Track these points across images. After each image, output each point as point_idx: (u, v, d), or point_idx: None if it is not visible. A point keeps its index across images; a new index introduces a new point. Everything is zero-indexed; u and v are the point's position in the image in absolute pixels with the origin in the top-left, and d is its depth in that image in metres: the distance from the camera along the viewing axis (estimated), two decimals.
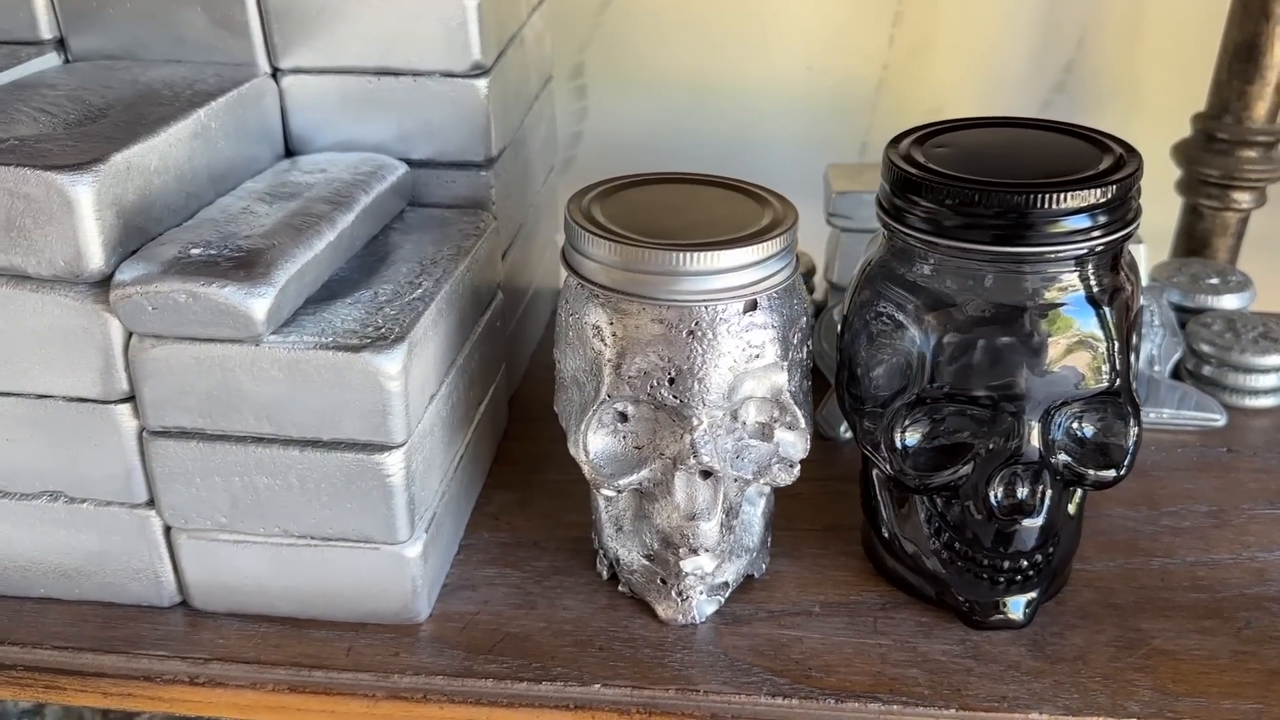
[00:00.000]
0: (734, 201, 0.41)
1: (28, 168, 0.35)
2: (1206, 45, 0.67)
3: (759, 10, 0.74)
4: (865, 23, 0.74)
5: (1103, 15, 0.72)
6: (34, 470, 0.41)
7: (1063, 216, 0.36)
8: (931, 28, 0.74)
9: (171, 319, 0.36)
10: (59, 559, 0.42)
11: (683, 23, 0.75)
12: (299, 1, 0.46)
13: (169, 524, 0.41)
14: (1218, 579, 0.45)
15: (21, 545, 0.42)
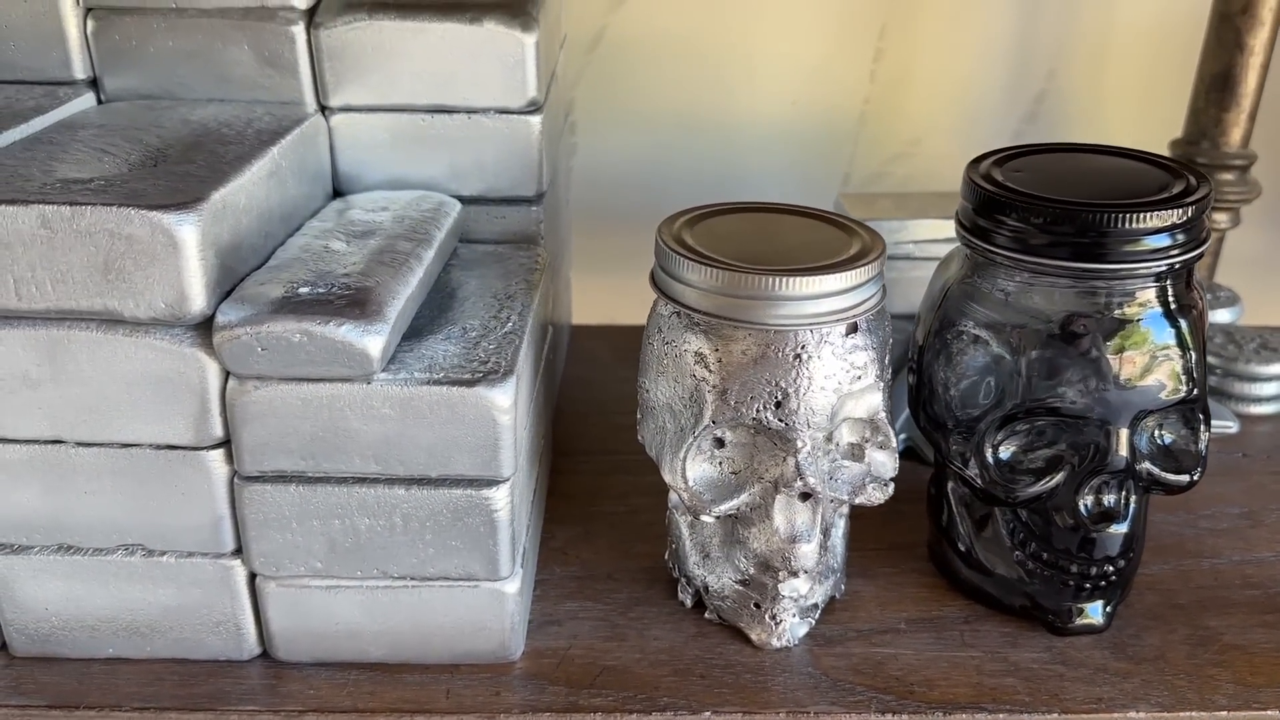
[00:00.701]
0: (819, 230, 0.42)
1: (131, 207, 0.34)
2: (1168, 75, 0.71)
3: (745, 47, 0.76)
4: (847, 59, 0.77)
5: (1070, 49, 0.76)
6: (111, 523, 0.39)
7: (1145, 235, 0.38)
8: (909, 63, 0.77)
9: (281, 360, 0.35)
10: (132, 616, 0.40)
11: (671, 60, 0.76)
12: (353, 40, 0.46)
13: (257, 573, 0.39)
14: (1266, 575, 0.47)
15: (92, 603, 0.40)
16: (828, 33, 0.75)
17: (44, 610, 0.40)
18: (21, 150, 0.40)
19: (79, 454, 0.38)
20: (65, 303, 0.35)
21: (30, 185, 0.36)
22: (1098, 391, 0.39)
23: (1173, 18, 0.73)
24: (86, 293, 0.35)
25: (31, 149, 0.40)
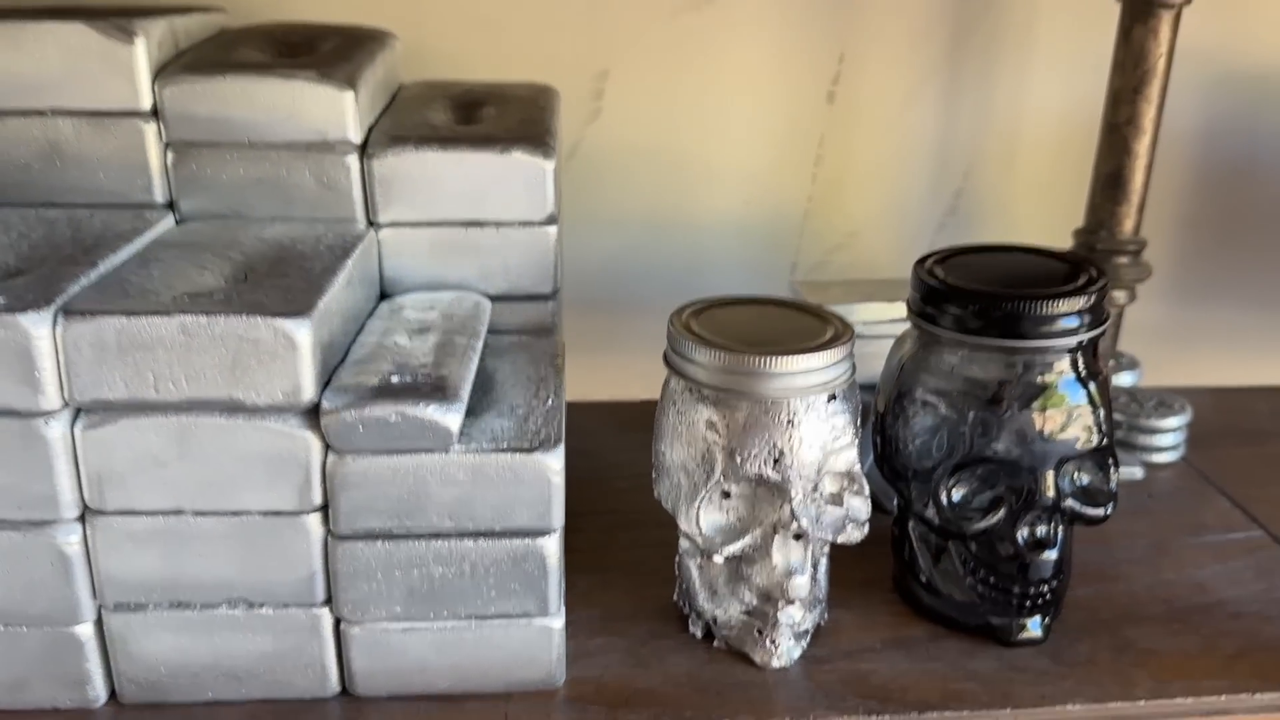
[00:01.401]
0: (799, 318, 0.51)
1: (257, 315, 0.42)
2: (1068, 173, 0.83)
3: (704, 156, 0.86)
4: (791, 164, 0.87)
5: (983, 152, 0.88)
6: (220, 581, 0.46)
7: (1058, 318, 0.48)
8: (845, 166, 0.88)
9: (377, 436, 0.43)
10: (231, 662, 0.47)
11: (639, 167, 0.86)
12: (400, 168, 0.54)
13: (343, 619, 0.47)
14: (1171, 594, 0.57)
15: (196, 653, 0.47)
16: (774, 142, 0.86)
17: (154, 661, 0.47)
18: (137, 267, 0.47)
19: (196, 522, 0.45)
20: (196, 395, 0.43)
21: (161, 298, 0.44)
22: (1026, 444, 0.49)
23: (1069, 126, 0.86)
24: (215, 386, 0.42)
25: (145, 266, 0.47)
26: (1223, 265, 0.91)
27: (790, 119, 0.85)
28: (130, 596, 0.46)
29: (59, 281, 0.44)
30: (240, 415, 0.43)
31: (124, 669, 0.47)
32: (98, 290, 0.44)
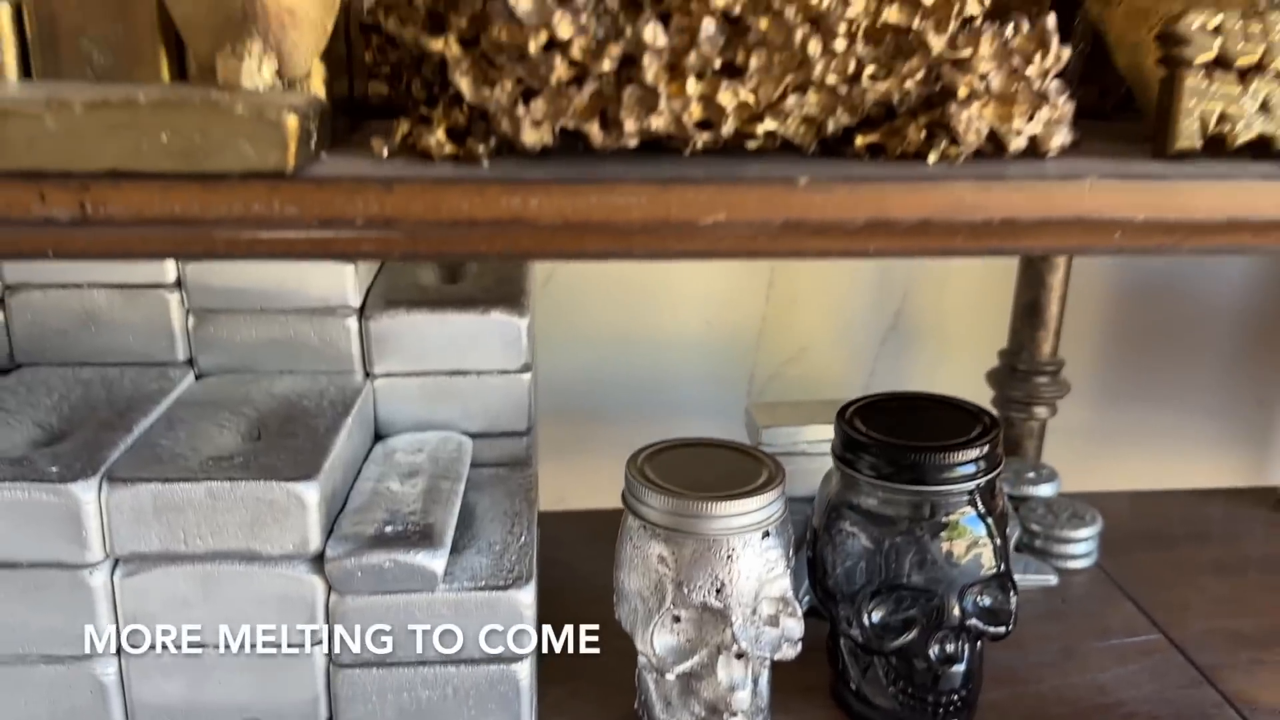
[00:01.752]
0: (740, 460, 0.59)
1: (273, 480, 0.49)
2: (993, 300, 0.91)
3: (668, 281, 0.95)
4: (747, 287, 0.96)
5: (919, 279, 0.97)
6: (236, 704, 0.53)
7: (956, 467, 0.56)
8: (796, 288, 0.97)
9: (374, 580, 0.50)
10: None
11: (610, 291, 0.94)
12: (394, 327, 0.62)
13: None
14: (1076, 696, 0.64)
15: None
16: (731, 268, 0.95)
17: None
18: (165, 430, 0.55)
19: (217, 655, 0.52)
20: (219, 547, 0.50)
21: (189, 463, 0.51)
22: (935, 572, 0.56)
23: (994, 259, 0.95)
24: (235, 539, 0.50)
25: (172, 428, 0.55)
26: (1139, 375, 1.00)
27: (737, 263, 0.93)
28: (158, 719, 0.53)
29: (100, 449, 0.51)
30: (256, 563, 0.51)
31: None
32: (134, 456, 0.51)
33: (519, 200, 0.32)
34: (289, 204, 0.31)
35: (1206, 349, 0.98)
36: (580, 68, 0.32)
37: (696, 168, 0.34)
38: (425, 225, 0.33)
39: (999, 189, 0.33)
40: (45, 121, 0.30)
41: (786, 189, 0.33)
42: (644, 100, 0.33)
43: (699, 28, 0.32)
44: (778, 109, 0.34)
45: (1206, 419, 0.98)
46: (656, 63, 0.33)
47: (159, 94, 0.31)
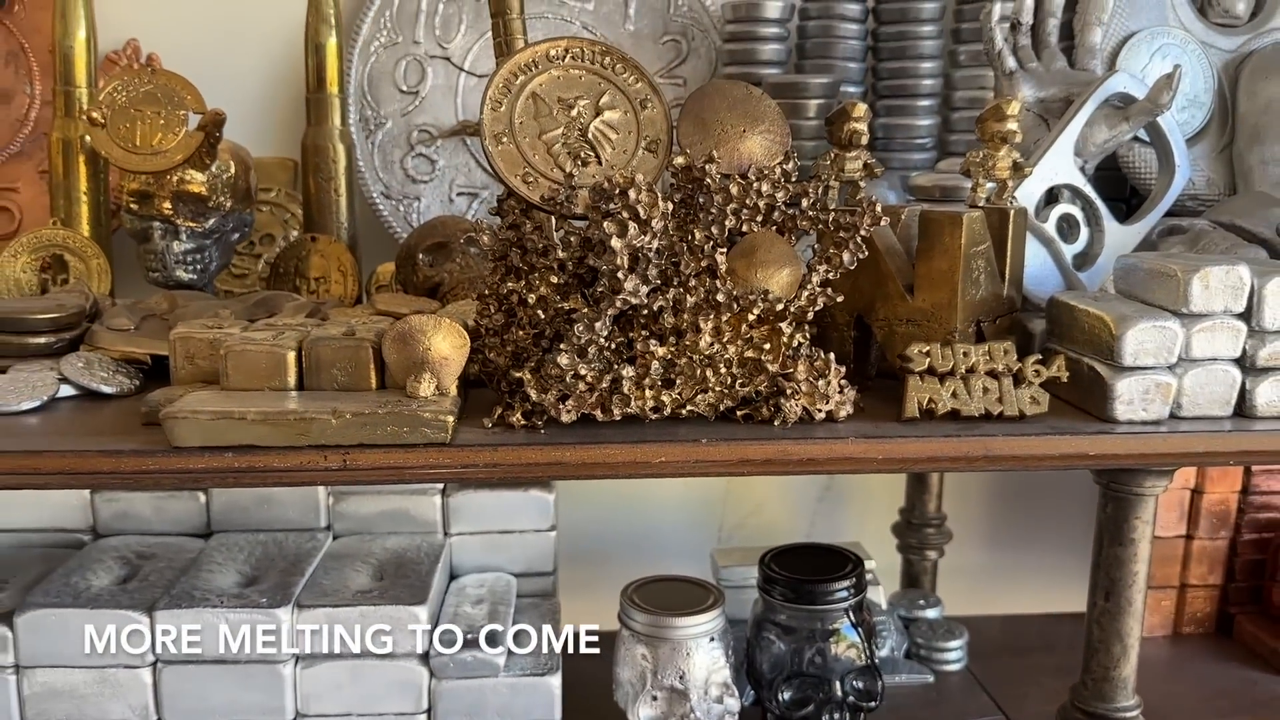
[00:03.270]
0: (696, 590, 0.88)
1: (399, 605, 0.79)
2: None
3: None
4: None
5: None
6: None
7: (835, 594, 0.86)
8: None
9: (459, 669, 0.80)
10: None
11: None
12: (465, 502, 0.93)
13: None
14: None
15: None
16: None
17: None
18: (323, 574, 0.85)
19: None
20: (364, 648, 0.79)
21: (345, 595, 0.81)
22: (825, 664, 0.86)
23: None
24: (374, 644, 0.79)
25: (327, 573, 0.85)
26: (1010, 525, 1.30)
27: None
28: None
29: (288, 587, 0.81)
30: (386, 660, 0.80)
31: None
32: (309, 590, 0.82)
33: (559, 451, 0.64)
34: (446, 458, 0.63)
35: (1061, 503, 1.28)
36: (591, 385, 0.64)
37: (650, 431, 0.66)
38: (508, 467, 0.64)
39: (807, 442, 0.65)
40: (331, 420, 0.62)
41: (696, 444, 0.64)
42: (622, 400, 0.65)
43: (650, 366, 0.64)
44: (693, 400, 0.66)
45: (1063, 557, 1.28)
46: (629, 382, 0.65)
47: (384, 405, 0.63)
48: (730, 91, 0.71)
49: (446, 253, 0.88)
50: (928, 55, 1.04)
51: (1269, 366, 0.69)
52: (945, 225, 0.69)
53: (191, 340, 0.69)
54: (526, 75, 0.69)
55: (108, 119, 0.83)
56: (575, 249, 0.65)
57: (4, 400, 0.68)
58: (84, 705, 0.79)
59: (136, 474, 0.61)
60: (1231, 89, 1.02)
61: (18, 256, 0.90)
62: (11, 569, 0.87)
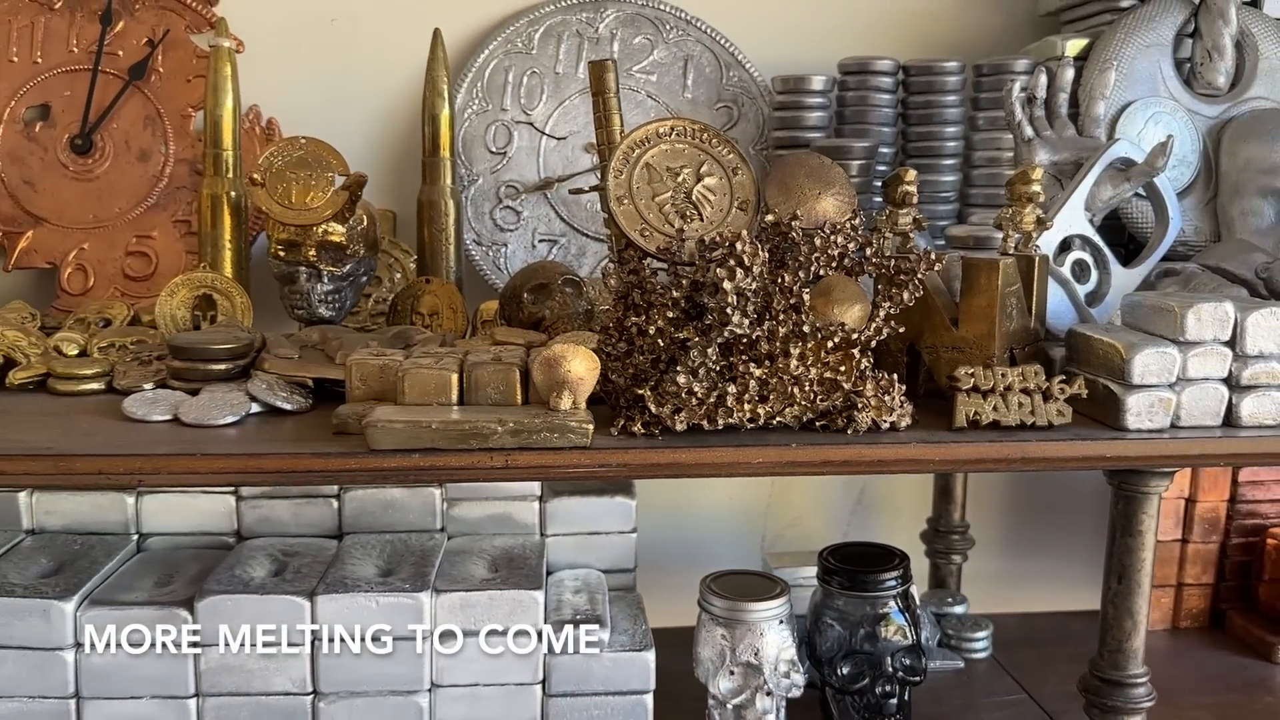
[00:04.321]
0: (765, 581, 1.03)
1: (520, 589, 0.93)
2: (920, 485, 1.36)
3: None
4: (759, 481, 1.41)
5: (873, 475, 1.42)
6: (493, 716, 0.95)
7: (886, 582, 1.00)
8: (790, 481, 1.42)
9: (571, 645, 0.94)
10: None
11: (680, 488, 1.39)
12: (560, 507, 1.07)
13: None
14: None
15: None
16: (739, 479, 1.40)
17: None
18: (449, 566, 0.99)
19: (489, 689, 0.94)
20: (491, 627, 0.93)
21: (473, 581, 0.95)
22: (876, 644, 1.00)
23: None
24: (498, 622, 0.93)
25: (451, 565, 0.99)
26: (1027, 532, 1.44)
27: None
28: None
29: (423, 575, 0.95)
30: (509, 636, 0.94)
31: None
32: (442, 578, 0.96)
33: (676, 453, 0.79)
34: (587, 459, 0.77)
35: (1070, 515, 1.43)
36: (700, 400, 0.79)
37: (747, 438, 0.80)
38: (635, 466, 0.79)
39: (877, 446, 0.80)
40: (496, 428, 0.76)
41: (787, 448, 0.79)
42: (725, 412, 0.80)
43: (749, 384, 0.79)
44: (781, 413, 0.81)
45: (1072, 562, 1.42)
46: (731, 397, 0.79)
47: (536, 416, 0.77)
48: (807, 161, 0.86)
49: (547, 292, 1.03)
50: (950, 121, 1.20)
51: (1251, 385, 0.85)
52: (985, 269, 0.84)
53: (365, 365, 0.84)
54: (641, 149, 0.85)
55: (266, 180, 0.98)
56: (686, 289, 0.80)
57: (210, 416, 0.83)
58: (251, 678, 0.92)
59: (342, 472, 0.76)
60: (1214, 150, 1.18)
61: (174, 294, 1.05)
62: (171, 566, 1.01)
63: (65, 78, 1.21)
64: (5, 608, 0.91)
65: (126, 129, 1.21)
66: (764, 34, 1.30)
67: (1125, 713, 0.92)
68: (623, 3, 1.26)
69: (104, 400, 0.91)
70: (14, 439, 0.79)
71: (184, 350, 0.90)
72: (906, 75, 1.22)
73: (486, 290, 1.23)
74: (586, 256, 1.26)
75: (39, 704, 0.91)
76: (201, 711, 0.93)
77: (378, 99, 1.26)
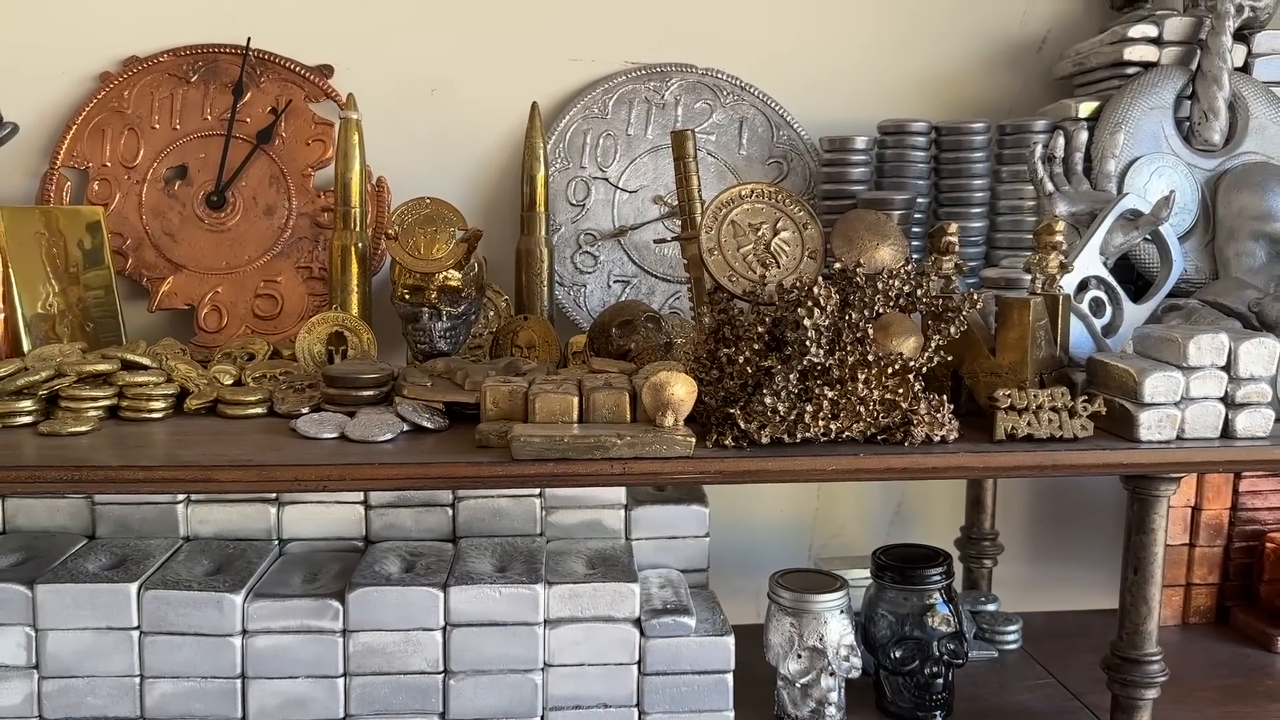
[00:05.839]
0: (826, 578, 1.18)
1: (620, 583, 1.09)
2: (952, 497, 1.52)
3: (759, 494, 1.56)
4: (803, 497, 1.57)
5: (910, 489, 1.58)
6: (594, 694, 1.10)
7: (931, 577, 1.16)
8: (834, 495, 1.58)
9: (662, 630, 1.09)
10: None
11: (741, 501, 1.55)
12: (643, 515, 1.23)
13: (645, 712, 1.11)
14: (1004, 706, 1.21)
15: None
16: (789, 493, 1.56)
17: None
18: (554, 565, 1.15)
19: (590, 668, 1.10)
20: (594, 614, 1.09)
21: (577, 576, 1.11)
22: (924, 631, 1.15)
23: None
24: (599, 611, 1.09)
25: (556, 563, 1.15)
26: (1051, 540, 1.60)
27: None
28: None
29: (534, 570, 1.11)
30: (611, 624, 1.09)
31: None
32: (550, 573, 1.11)
33: (763, 462, 0.95)
34: (690, 466, 0.93)
35: (1093, 521, 1.58)
36: (783, 417, 0.95)
37: (820, 449, 0.96)
38: (725, 473, 0.95)
39: (931, 455, 0.96)
40: (616, 441, 0.92)
41: (855, 457, 0.95)
42: (803, 428, 0.96)
43: (823, 404, 0.95)
44: (849, 428, 0.97)
45: (1091, 568, 1.57)
46: (809, 415, 0.96)
47: (648, 432, 0.93)
48: (866, 217, 1.03)
49: (632, 328, 1.20)
50: (978, 175, 1.37)
51: (1244, 403, 1.00)
52: (1017, 307, 1.00)
53: (497, 390, 1.00)
54: (727, 208, 1.01)
55: (399, 235, 1.15)
56: (768, 325, 0.96)
57: (371, 434, 0.99)
58: (391, 660, 1.08)
59: (492, 478, 0.92)
60: (1212, 198, 1.34)
61: (312, 331, 1.21)
62: (314, 566, 1.17)
63: (200, 142, 1.39)
64: (184, 600, 1.06)
65: (254, 187, 1.39)
66: (810, 97, 1.47)
67: (1142, 686, 1.08)
68: (685, 72, 1.44)
69: (268, 422, 1.07)
70: (215, 453, 0.95)
71: (337, 379, 1.07)
72: (939, 135, 1.39)
73: (569, 325, 1.39)
74: (656, 295, 1.43)
75: (210, 683, 1.07)
76: (349, 689, 1.08)
77: (472, 159, 1.43)
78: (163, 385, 1.08)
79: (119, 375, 1.07)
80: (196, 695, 1.07)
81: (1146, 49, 1.36)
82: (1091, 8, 1.51)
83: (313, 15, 1.41)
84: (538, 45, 1.43)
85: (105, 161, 1.37)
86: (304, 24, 1.40)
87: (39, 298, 1.20)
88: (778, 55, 1.47)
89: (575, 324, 1.40)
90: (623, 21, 1.44)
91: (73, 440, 0.99)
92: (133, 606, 1.05)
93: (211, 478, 0.91)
